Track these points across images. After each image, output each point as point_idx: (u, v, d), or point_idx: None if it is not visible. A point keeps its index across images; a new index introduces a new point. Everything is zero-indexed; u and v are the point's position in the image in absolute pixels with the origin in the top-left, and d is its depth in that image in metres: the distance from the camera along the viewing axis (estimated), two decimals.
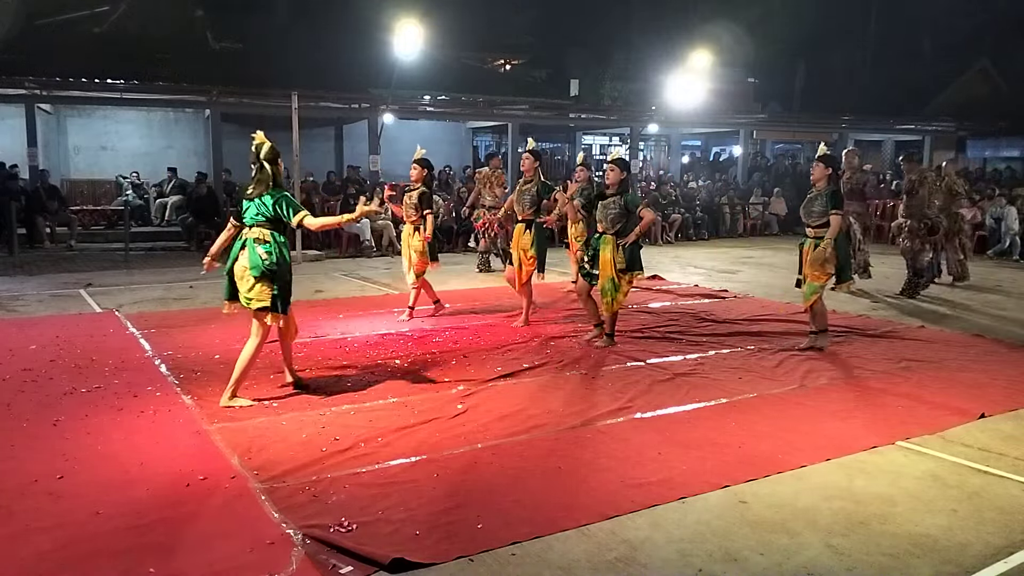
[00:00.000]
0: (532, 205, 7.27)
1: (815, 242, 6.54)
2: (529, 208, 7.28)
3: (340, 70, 16.93)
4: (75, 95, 14.91)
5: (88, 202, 15.18)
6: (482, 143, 21.98)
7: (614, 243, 6.39)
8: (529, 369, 5.89)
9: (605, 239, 6.46)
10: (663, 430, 4.63)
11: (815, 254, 6.47)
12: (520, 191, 7.37)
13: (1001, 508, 3.67)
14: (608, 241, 6.43)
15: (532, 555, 3.16)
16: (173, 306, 8.32)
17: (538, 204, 7.29)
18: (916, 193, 9.47)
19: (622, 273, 6.42)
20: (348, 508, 3.49)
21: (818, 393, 5.44)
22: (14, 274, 10.30)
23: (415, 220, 7.50)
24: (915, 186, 9.46)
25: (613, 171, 6.48)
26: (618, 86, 23.49)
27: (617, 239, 6.38)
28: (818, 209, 6.55)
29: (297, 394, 5.20)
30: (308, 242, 13.07)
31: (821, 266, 6.47)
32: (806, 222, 6.69)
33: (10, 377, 5.48)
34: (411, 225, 7.56)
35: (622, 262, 6.38)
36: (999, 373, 6.03)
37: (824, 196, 6.53)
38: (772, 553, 3.21)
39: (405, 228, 7.72)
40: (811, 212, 6.62)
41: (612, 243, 6.40)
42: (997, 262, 13.35)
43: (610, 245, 6.41)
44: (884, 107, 23.04)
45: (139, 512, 3.43)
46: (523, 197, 7.31)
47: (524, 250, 7.28)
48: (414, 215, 7.50)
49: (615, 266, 6.39)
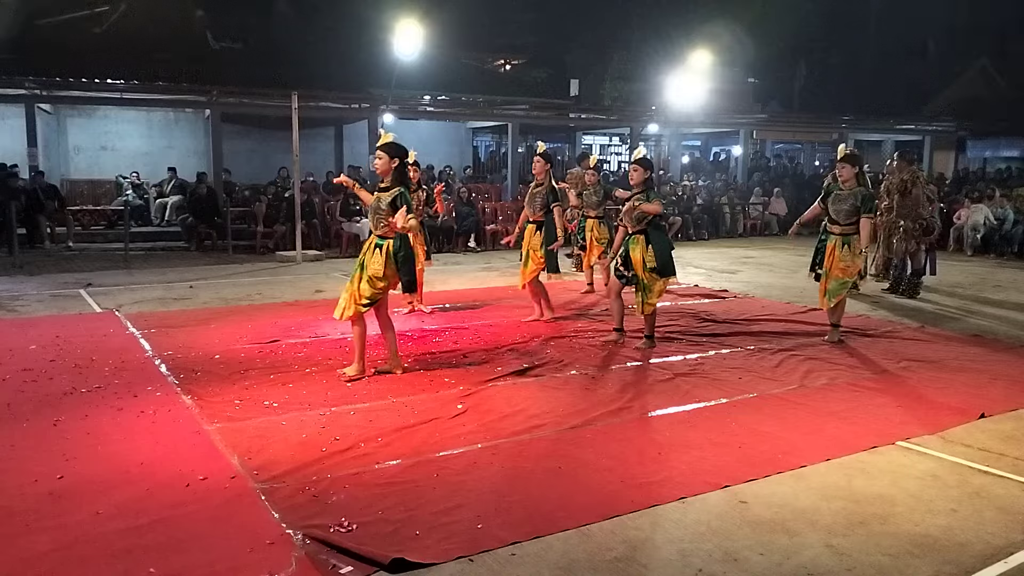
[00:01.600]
0: (543, 207, 7.41)
1: (842, 240, 6.71)
2: (540, 210, 7.44)
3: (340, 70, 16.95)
4: (75, 95, 14.92)
5: (88, 202, 15.17)
6: (482, 143, 21.98)
7: (643, 242, 6.42)
8: (529, 369, 5.89)
9: (634, 239, 6.50)
10: (663, 430, 4.63)
11: (843, 254, 6.67)
12: (532, 193, 7.54)
13: (1001, 508, 3.67)
14: (637, 241, 6.46)
15: (532, 555, 3.16)
16: (173, 306, 8.32)
17: (548, 206, 7.42)
18: (910, 193, 9.45)
19: (654, 274, 6.41)
20: (348, 508, 3.49)
21: (818, 393, 5.44)
22: (14, 274, 10.30)
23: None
24: (908, 186, 9.45)
25: (636, 171, 6.52)
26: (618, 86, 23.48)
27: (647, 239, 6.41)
28: (848, 208, 6.71)
29: (297, 394, 5.20)
30: (308, 242, 13.09)
31: (849, 265, 6.68)
32: (835, 219, 6.81)
33: (10, 377, 5.48)
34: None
35: (652, 262, 6.39)
36: (999, 373, 6.03)
37: (856, 196, 6.69)
38: (772, 553, 3.21)
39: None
40: (840, 211, 6.76)
41: (642, 242, 6.42)
42: (998, 262, 13.36)
43: (639, 245, 6.44)
44: (884, 107, 23.04)
45: (139, 512, 3.43)
46: (534, 199, 7.48)
47: (534, 250, 7.42)
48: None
49: (645, 266, 6.41)
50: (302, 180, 13.97)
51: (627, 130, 21.00)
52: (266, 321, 7.50)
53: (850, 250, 6.67)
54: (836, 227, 6.78)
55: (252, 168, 16.76)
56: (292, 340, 6.73)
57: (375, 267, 5.35)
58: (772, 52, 26.22)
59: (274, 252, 13.12)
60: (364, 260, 5.44)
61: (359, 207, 13.47)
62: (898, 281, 9.71)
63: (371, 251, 5.44)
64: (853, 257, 6.66)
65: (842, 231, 6.73)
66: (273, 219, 13.68)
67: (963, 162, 24.08)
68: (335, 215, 13.84)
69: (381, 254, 5.35)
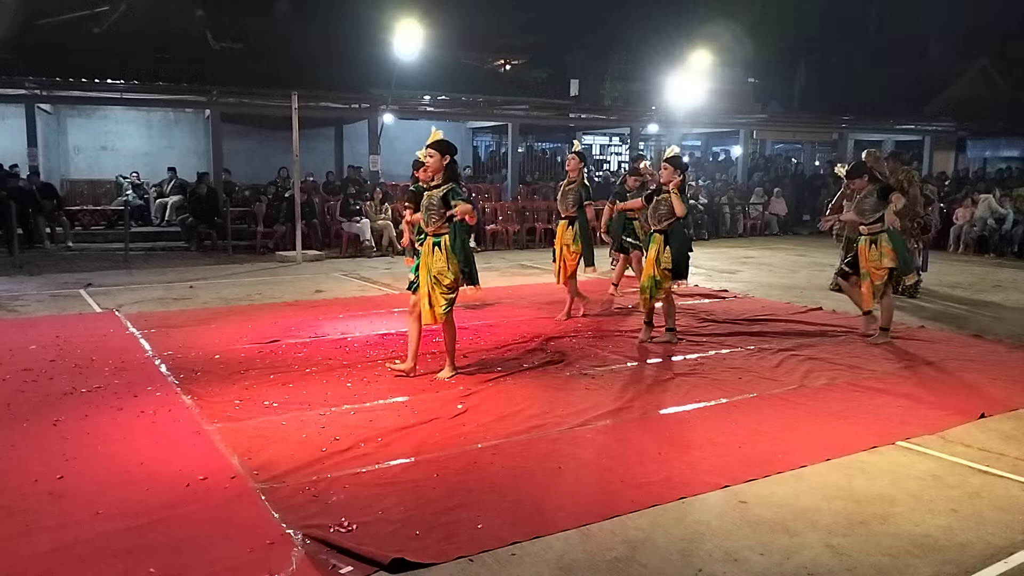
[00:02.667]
0: (575, 203, 7.59)
1: (870, 239, 6.81)
2: (572, 206, 7.61)
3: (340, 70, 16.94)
4: (75, 95, 14.92)
5: (88, 202, 15.19)
6: (482, 143, 21.97)
7: (662, 242, 6.52)
8: (529, 369, 5.89)
9: (654, 237, 6.61)
10: (663, 430, 4.63)
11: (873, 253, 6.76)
12: (564, 191, 7.74)
13: (1001, 508, 3.67)
14: (656, 240, 6.57)
15: (532, 555, 3.16)
16: (173, 306, 8.32)
17: (580, 203, 7.57)
18: (906, 193, 9.45)
19: (667, 273, 6.52)
20: (348, 508, 3.49)
21: (818, 393, 5.43)
22: (14, 274, 10.30)
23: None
24: (904, 186, 9.44)
25: (667, 170, 6.57)
26: (618, 86, 23.47)
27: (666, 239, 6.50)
28: (869, 206, 6.81)
29: (297, 394, 5.20)
30: (308, 242, 13.09)
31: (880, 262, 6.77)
32: (860, 220, 6.91)
33: (10, 377, 5.48)
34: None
35: (668, 262, 6.49)
36: (999, 373, 6.03)
37: (874, 192, 6.81)
38: (772, 553, 3.21)
39: None
40: (863, 211, 6.85)
41: (660, 243, 6.53)
42: (998, 262, 13.36)
43: (657, 244, 6.55)
44: (884, 107, 23.03)
45: (139, 512, 3.43)
46: (567, 197, 7.69)
47: (567, 245, 7.59)
48: None
49: (660, 266, 6.51)
50: (302, 180, 13.97)
51: (627, 130, 20.99)
52: (266, 321, 7.51)
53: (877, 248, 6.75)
54: (864, 227, 6.87)
55: (252, 168, 16.76)
56: (292, 340, 6.73)
57: (438, 265, 5.42)
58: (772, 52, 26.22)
59: (274, 252, 13.12)
60: (427, 263, 5.47)
61: (359, 207, 13.49)
62: (898, 281, 9.71)
63: (430, 252, 5.47)
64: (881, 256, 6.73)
65: (869, 230, 6.83)
66: (273, 219, 13.68)
67: (963, 162, 24.06)
68: (335, 215, 13.84)
69: (441, 251, 5.44)
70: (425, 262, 5.48)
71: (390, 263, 12.23)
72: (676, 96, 17.65)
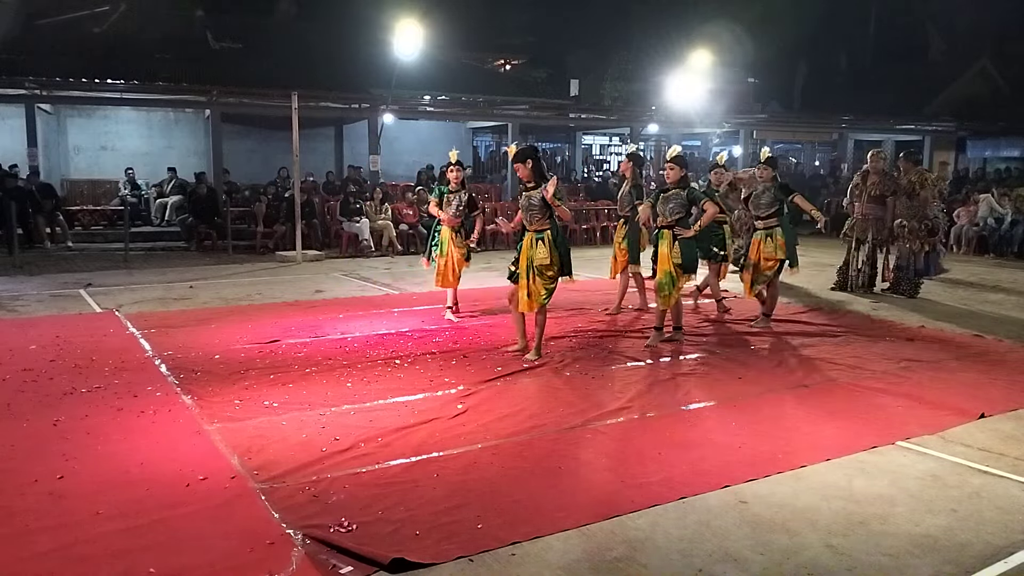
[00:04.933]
0: (628, 204, 7.88)
1: (765, 233, 7.47)
2: (627, 207, 7.92)
3: (340, 70, 16.92)
4: (75, 95, 14.92)
5: (88, 202, 15.19)
6: (482, 143, 21.99)
7: (671, 238, 6.55)
8: (529, 369, 5.90)
9: (663, 234, 6.63)
10: (663, 430, 4.63)
11: (768, 246, 7.43)
12: (621, 193, 8.12)
13: (1001, 508, 3.67)
14: (665, 236, 6.60)
15: (532, 555, 3.16)
16: (173, 306, 8.32)
17: (632, 204, 7.78)
18: (917, 195, 9.44)
19: (679, 269, 6.54)
20: (348, 508, 3.49)
21: (818, 393, 5.44)
22: (14, 274, 10.30)
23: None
24: (916, 188, 9.44)
25: (673, 170, 6.67)
26: (618, 86, 23.46)
27: (674, 233, 6.55)
28: (766, 201, 7.42)
29: (297, 394, 5.20)
30: (308, 242, 13.09)
31: (775, 254, 7.48)
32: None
33: (10, 377, 5.48)
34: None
35: (678, 258, 6.52)
36: (999, 373, 6.03)
37: (772, 188, 7.42)
38: (772, 553, 3.21)
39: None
40: (760, 205, 7.47)
41: (669, 238, 6.57)
42: (998, 261, 13.35)
43: (666, 240, 6.58)
44: (884, 107, 23.02)
45: (139, 512, 3.43)
46: (622, 199, 8.06)
47: (619, 243, 8.03)
48: None
49: (672, 261, 6.54)
50: (302, 180, 13.97)
51: (627, 130, 20.99)
52: (266, 321, 7.50)
53: (772, 241, 7.33)
54: (759, 222, 7.52)
55: (252, 168, 16.77)
56: (292, 340, 6.73)
57: (541, 257, 5.97)
58: (772, 52, 26.20)
59: (274, 252, 13.12)
60: (530, 255, 5.99)
61: (359, 207, 13.49)
62: (899, 281, 9.71)
63: (532, 245, 6.03)
64: (776, 249, 7.32)
65: (765, 224, 7.42)
66: (273, 219, 13.68)
67: (963, 162, 24.05)
68: (335, 215, 13.84)
69: (544, 244, 5.98)
70: (527, 255, 6.00)
71: (390, 263, 12.22)
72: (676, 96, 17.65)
